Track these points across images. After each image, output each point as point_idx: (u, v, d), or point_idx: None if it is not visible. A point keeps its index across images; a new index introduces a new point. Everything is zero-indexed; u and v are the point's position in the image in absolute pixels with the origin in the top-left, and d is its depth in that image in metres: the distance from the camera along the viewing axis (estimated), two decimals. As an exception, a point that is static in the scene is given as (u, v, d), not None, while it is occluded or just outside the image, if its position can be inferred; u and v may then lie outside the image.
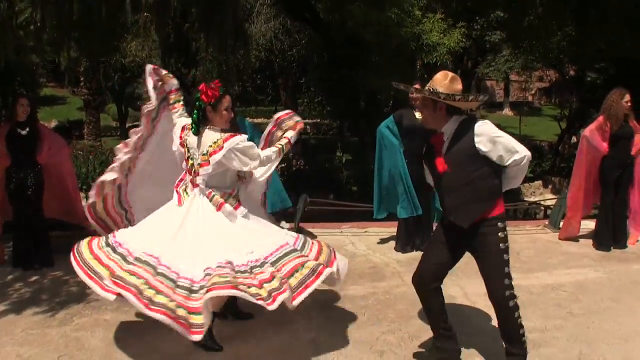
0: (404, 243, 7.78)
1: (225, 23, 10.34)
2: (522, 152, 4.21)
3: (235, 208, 4.76)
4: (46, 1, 8.09)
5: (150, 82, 5.25)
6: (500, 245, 4.27)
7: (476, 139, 4.17)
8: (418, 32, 14.77)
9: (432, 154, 4.42)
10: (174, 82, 5.30)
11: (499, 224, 4.27)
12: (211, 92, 4.68)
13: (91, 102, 30.48)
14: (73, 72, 31.06)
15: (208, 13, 10.38)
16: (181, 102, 5.23)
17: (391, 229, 8.27)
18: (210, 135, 4.68)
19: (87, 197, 5.39)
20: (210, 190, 4.73)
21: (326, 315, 5.56)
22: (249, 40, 17.72)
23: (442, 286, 4.53)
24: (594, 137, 7.87)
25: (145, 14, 11.74)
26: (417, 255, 7.52)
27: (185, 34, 19.88)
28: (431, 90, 4.25)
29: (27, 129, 7.10)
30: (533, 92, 48.16)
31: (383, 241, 8.30)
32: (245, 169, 4.80)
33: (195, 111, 4.69)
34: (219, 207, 4.70)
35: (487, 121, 4.30)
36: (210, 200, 4.71)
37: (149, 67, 5.35)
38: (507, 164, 4.21)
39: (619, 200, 7.99)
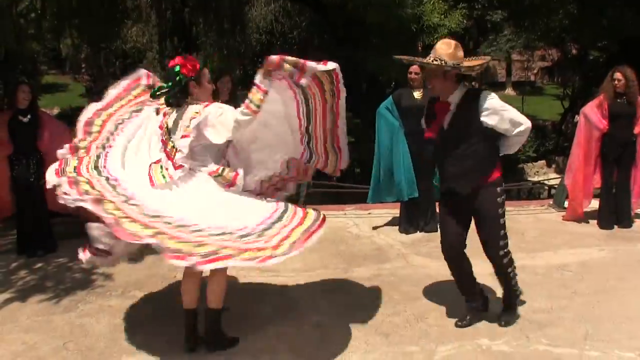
0: (407, 224, 7.77)
1: (224, 7, 10.31)
2: (526, 124, 4.50)
3: (227, 187, 4.46)
4: (46, -12, 8.07)
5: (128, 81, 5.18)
6: (499, 210, 4.60)
7: (483, 113, 4.39)
8: (419, 13, 14.69)
9: (432, 117, 4.59)
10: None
11: (497, 189, 4.59)
12: (191, 65, 4.47)
13: (93, 89, 30.42)
14: (74, 59, 31.02)
15: (206, -4, 10.35)
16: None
17: (395, 210, 8.26)
18: (192, 109, 4.43)
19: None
20: (195, 170, 4.46)
21: (331, 298, 5.56)
22: (247, 23, 17.67)
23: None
24: (593, 114, 7.87)
25: (145, -1, 11.72)
26: (420, 236, 7.53)
27: (185, 18, 19.81)
28: (438, 59, 4.32)
29: (29, 116, 7.10)
30: (535, 71, 47.89)
31: (387, 223, 8.28)
32: (221, 140, 4.44)
33: (172, 85, 4.46)
34: (229, 185, 4.44)
35: (492, 94, 4.50)
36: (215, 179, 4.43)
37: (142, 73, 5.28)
38: (512, 134, 4.48)
39: (622, 179, 7.95)
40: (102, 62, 31.13)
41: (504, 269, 4.81)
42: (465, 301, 4.98)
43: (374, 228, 8.07)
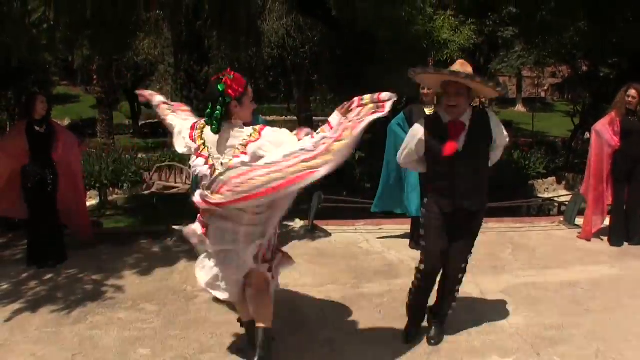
0: (418, 240, 7.74)
1: (238, 20, 10.33)
2: (507, 136, 4.78)
3: None
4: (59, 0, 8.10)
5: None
6: (480, 227, 4.85)
7: (493, 129, 4.55)
8: (429, 29, 14.74)
9: (444, 135, 4.55)
10: (159, 98, 5.21)
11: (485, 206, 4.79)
12: (237, 86, 4.35)
13: (104, 100, 30.54)
14: (86, 70, 31.18)
15: (220, 10, 10.36)
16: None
17: (405, 226, 8.23)
18: (237, 131, 4.36)
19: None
20: None
21: (341, 313, 5.54)
22: (261, 37, 17.72)
23: None
24: (605, 131, 7.84)
25: (158, 11, 11.75)
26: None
27: (197, 31, 19.87)
28: (466, 74, 4.40)
29: (44, 126, 7.15)
30: (546, 88, 47.94)
31: (397, 238, 8.25)
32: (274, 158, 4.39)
33: (218, 107, 4.30)
34: None
35: (491, 111, 4.76)
36: None
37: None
38: (501, 145, 4.73)
39: (633, 196, 7.91)
40: (113, 73, 31.31)
41: (457, 284, 4.91)
42: (428, 319, 5.09)
43: (380, 238, 8.07)
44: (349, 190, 14.81)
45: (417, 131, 4.78)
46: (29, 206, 7.15)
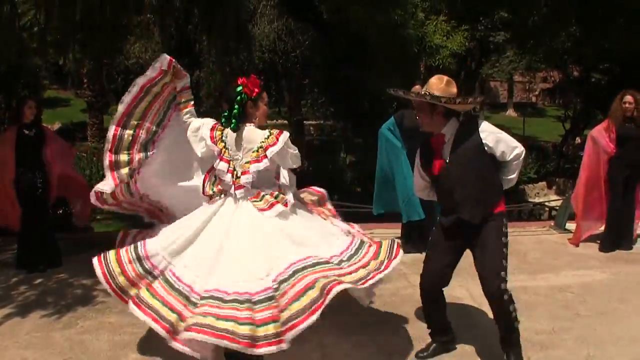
0: (409, 245, 7.75)
1: (228, 24, 10.33)
2: (520, 146, 4.50)
3: (285, 205, 4.56)
4: (50, 3, 8.08)
5: (154, 72, 4.95)
6: (502, 239, 4.42)
7: (482, 136, 4.37)
8: (421, 34, 14.77)
9: (430, 154, 4.57)
10: (186, 80, 5.07)
11: (503, 219, 4.49)
12: (252, 86, 4.56)
13: (94, 104, 30.38)
14: (76, 74, 31.05)
15: (210, 14, 10.36)
16: (192, 102, 5.06)
17: (396, 230, 8.24)
18: (254, 132, 4.57)
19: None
20: (258, 190, 4.58)
21: (332, 317, 5.50)
22: (252, 41, 17.71)
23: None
24: (601, 138, 7.88)
25: (149, 15, 11.72)
26: (422, 256, 7.43)
27: (188, 35, 19.84)
28: (430, 94, 4.35)
29: (34, 130, 7.13)
30: (537, 93, 48.01)
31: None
32: (295, 165, 4.71)
33: (236, 107, 4.53)
34: (270, 206, 4.51)
35: (485, 121, 4.55)
36: (260, 200, 4.54)
37: (165, 58, 4.94)
38: (509, 159, 4.45)
39: (628, 202, 7.94)
40: (104, 77, 31.15)
41: (505, 307, 4.37)
42: (431, 334, 4.89)
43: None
44: (340, 194, 14.81)
45: (416, 156, 4.82)
46: (21, 210, 7.11)
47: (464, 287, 6.10)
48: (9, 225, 7.37)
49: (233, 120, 4.54)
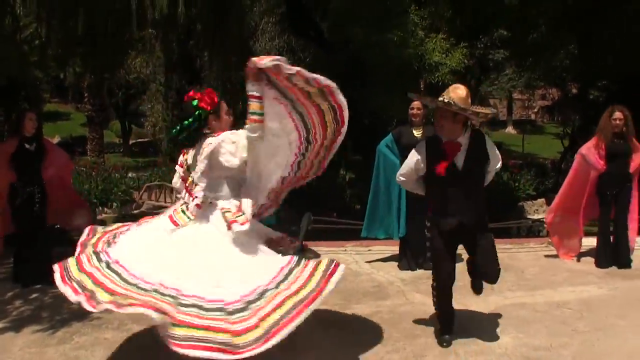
0: (407, 261, 7.74)
1: (230, 40, 10.36)
2: (501, 160, 5.07)
3: (242, 223, 4.42)
4: (51, 16, 8.10)
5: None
6: (492, 239, 5.07)
7: (489, 150, 4.85)
8: (421, 52, 14.84)
9: (440, 156, 4.79)
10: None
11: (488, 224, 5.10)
12: (209, 99, 4.52)
13: (95, 119, 30.49)
14: (77, 88, 31.15)
15: (213, 30, 10.40)
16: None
17: (394, 247, 8.22)
18: (208, 140, 4.49)
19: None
20: (221, 206, 4.52)
21: (329, 334, 5.51)
22: (252, 57, 17.77)
23: None
24: (591, 155, 7.86)
25: (150, 30, 11.76)
26: (420, 273, 7.49)
27: (189, 50, 19.91)
28: (455, 103, 4.63)
29: (34, 144, 7.07)
30: (536, 110, 48.21)
31: (387, 260, 8.25)
32: (238, 162, 4.45)
33: (190, 120, 4.48)
34: (228, 226, 4.41)
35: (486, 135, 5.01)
36: (223, 215, 4.47)
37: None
38: (492, 170, 5.02)
39: (619, 217, 7.92)
40: (104, 91, 31.25)
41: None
42: (442, 334, 5.20)
43: (368, 262, 8.08)
44: (339, 211, 14.81)
45: (419, 150, 4.98)
46: (17, 225, 7.10)
47: (462, 304, 6.05)
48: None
49: (184, 133, 4.51)
